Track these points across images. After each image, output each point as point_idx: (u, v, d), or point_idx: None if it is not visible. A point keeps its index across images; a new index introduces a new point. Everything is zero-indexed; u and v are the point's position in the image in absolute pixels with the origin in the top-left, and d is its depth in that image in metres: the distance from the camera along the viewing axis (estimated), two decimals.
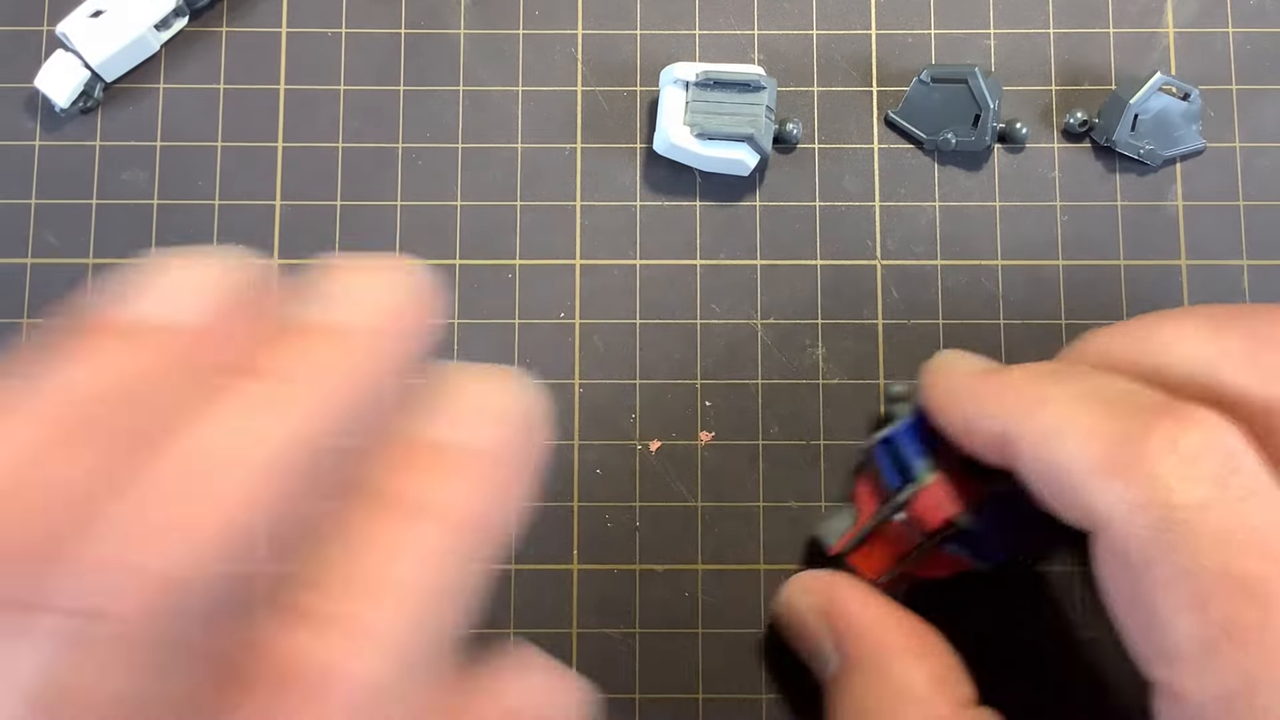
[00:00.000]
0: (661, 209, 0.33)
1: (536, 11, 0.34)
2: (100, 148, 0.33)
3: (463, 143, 0.33)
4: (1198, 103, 0.33)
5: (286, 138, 0.33)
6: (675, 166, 0.33)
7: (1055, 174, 0.33)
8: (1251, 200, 0.33)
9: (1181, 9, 0.34)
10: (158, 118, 0.33)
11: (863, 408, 0.32)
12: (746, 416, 0.32)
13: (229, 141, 0.33)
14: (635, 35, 0.33)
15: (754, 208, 0.33)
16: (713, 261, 0.32)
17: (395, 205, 0.33)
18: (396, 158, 0.33)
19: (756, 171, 0.32)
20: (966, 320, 0.32)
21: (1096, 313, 0.32)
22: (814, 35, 0.34)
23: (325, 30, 0.33)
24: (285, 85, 0.33)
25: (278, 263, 0.32)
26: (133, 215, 0.32)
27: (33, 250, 0.32)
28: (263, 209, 0.33)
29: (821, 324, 0.32)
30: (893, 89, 0.33)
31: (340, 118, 0.33)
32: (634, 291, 0.32)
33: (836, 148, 0.33)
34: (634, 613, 0.31)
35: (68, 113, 0.33)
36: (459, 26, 0.34)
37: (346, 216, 0.33)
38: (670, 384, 0.32)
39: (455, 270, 0.32)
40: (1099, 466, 0.19)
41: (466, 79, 0.33)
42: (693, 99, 0.31)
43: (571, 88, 0.33)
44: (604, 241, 0.32)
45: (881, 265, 0.32)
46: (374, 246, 0.32)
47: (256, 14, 0.34)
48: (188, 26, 0.33)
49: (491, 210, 0.33)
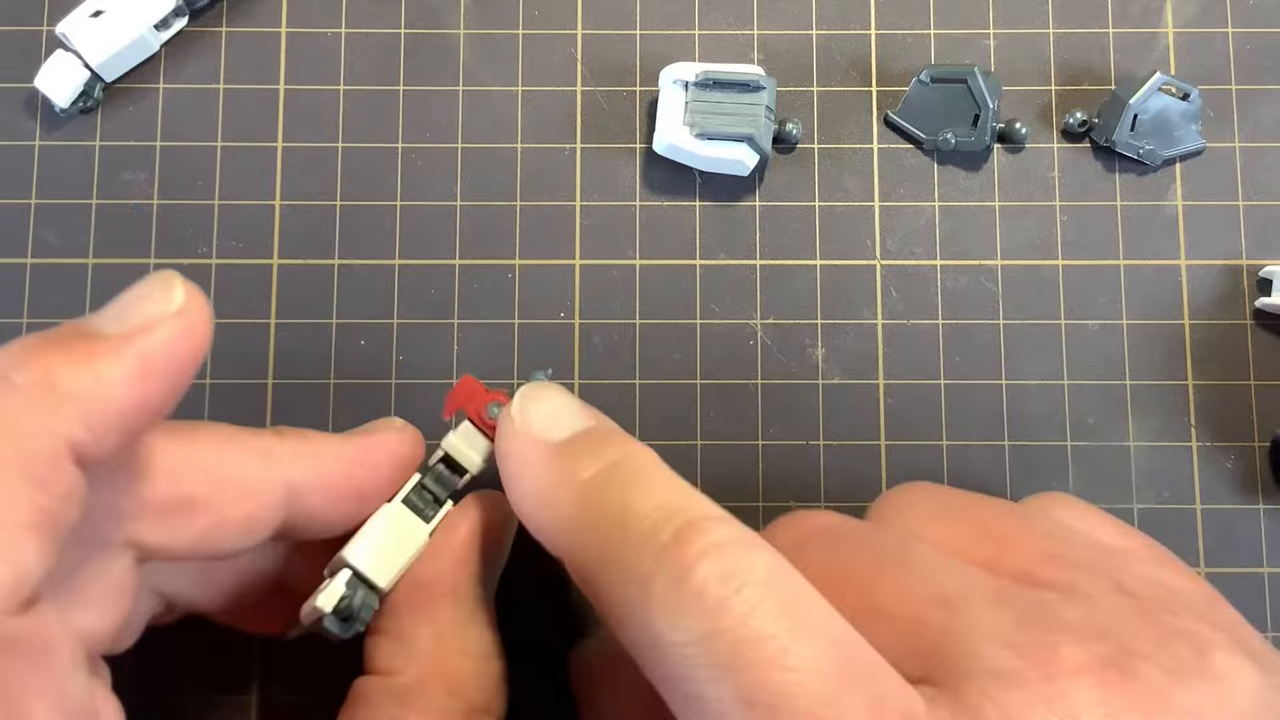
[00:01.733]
0: (661, 209, 0.33)
1: (536, 11, 0.34)
2: (100, 148, 0.33)
3: (463, 143, 0.33)
4: (1197, 102, 0.33)
5: (286, 138, 0.33)
6: (675, 166, 0.33)
7: (1055, 174, 0.33)
8: (1251, 200, 0.33)
9: (1181, 9, 0.34)
10: (157, 118, 0.33)
11: (862, 408, 0.32)
12: (746, 417, 0.32)
13: (229, 141, 0.33)
14: (635, 35, 0.34)
15: (754, 208, 0.33)
16: (712, 261, 0.32)
17: (395, 205, 0.33)
18: (396, 158, 0.33)
19: (756, 171, 0.32)
20: (966, 320, 0.32)
21: (1096, 313, 0.32)
22: (814, 35, 0.34)
23: (325, 30, 0.33)
24: (285, 85, 0.33)
25: (278, 262, 0.32)
26: (132, 215, 0.32)
27: (33, 250, 0.32)
28: (263, 209, 0.33)
29: (821, 324, 0.32)
30: (892, 89, 0.33)
31: (340, 118, 0.33)
32: (634, 291, 0.32)
33: (836, 148, 0.33)
34: None
35: (68, 113, 0.33)
36: (459, 26, 0.34)
37: (346, 216, 0.33)
38: (670, 384, 0.32)
39: (455, 270, 0.32)
40: (642, 600, 0.20)
41: (466, 79, 0.33)
42: (692, 99, 0.32)
43: (571, 88, 0.33)
44: (604, 241, 0.32)
45: (881, 265, 0.33)
46: (374, 246, 0.32)
47: (256, 14, 0.34)
48: (188, 26, 0.33)
49: (491, 210, 0.33)
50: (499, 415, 0.25)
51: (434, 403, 0.31)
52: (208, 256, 0.32)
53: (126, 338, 0.20)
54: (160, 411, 0.21)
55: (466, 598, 0.26)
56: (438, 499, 0.27)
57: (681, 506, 0.21)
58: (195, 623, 0.27)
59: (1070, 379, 0.32)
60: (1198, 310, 0.32)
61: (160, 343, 0.20)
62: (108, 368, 0.20)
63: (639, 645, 0.20)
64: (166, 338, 0.20)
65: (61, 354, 0.20)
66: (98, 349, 0.20)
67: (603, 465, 0.22)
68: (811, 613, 0.20)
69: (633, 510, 0.21)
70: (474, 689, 0.25)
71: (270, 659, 0.31)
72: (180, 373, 0.21)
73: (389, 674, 0.25)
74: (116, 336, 0.20)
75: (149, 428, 0.21)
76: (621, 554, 0.21)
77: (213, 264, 0.32)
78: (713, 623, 0.19)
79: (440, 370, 0.32)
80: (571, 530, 0.22)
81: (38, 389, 0.19)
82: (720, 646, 0.19)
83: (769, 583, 0.19)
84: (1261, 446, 0.32)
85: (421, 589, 0.26)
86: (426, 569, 0.26)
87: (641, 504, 0.21)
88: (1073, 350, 0.32)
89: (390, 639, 0.26)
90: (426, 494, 0.27)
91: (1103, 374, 0.32)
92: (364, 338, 0.32)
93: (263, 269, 0.32)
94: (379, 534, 0.25)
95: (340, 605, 0.24)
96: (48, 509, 0.19)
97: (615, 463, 0.22)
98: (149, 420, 0.21)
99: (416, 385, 0.32)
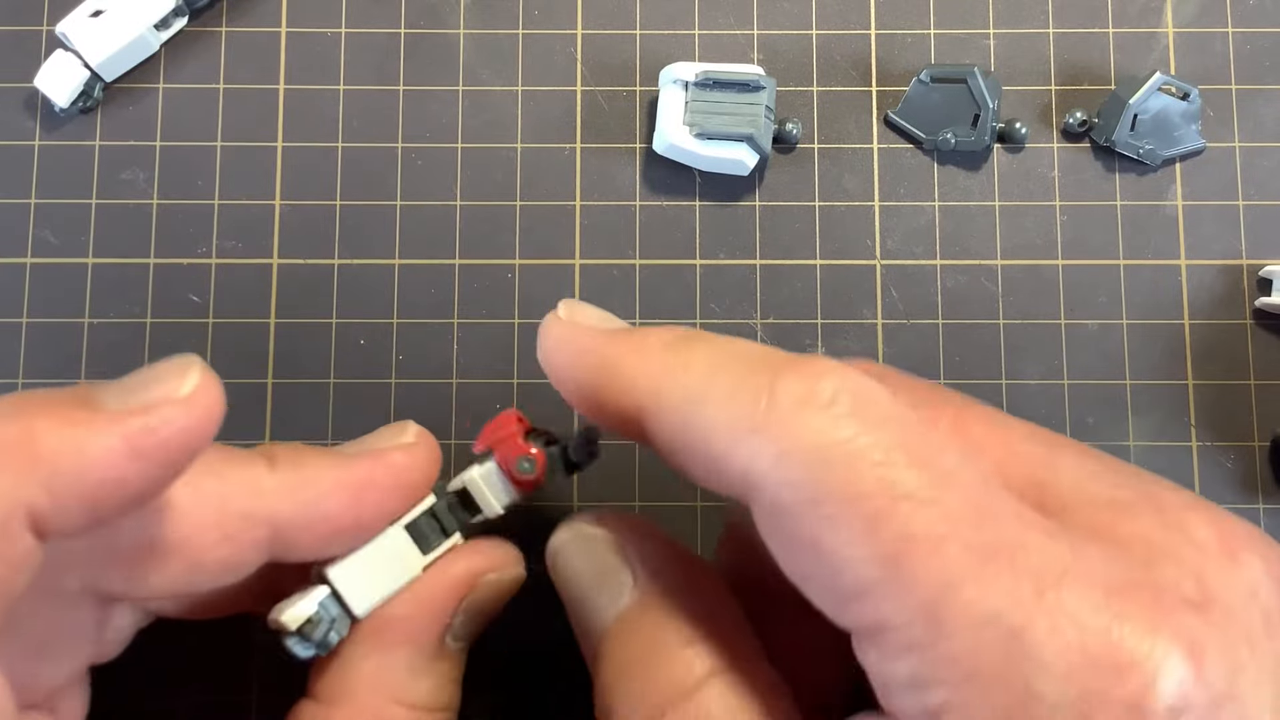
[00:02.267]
0: (661, 209, 0.33)
1: (536, 11, 0.34)
2: (100, 147, 0.33)
3: (463, 143, 0.33)
4: (1197, 102, 0.33)
5: (286, 138, 0.33)
6: (675, 166, 0.33)
7: (1055, 174, 0.33)
8: (1251, 200, 0.33)
9: (1181, 9, 0.34)
10: (157, 118, 0.33)
11: None
12: None
13: (229, 141, 0.33)
14: (635, 35, 0.34)
15: (754, 208, 0.33)
16: (712, 261, 0.32)
17: (395, 205, 0.33)
18: (396, 158, 0.33)
19: (756, 171, 0.32)
20: (966, 320, 0.32)
21: (1096, 312, 0.32)
22: (814, 35, 0.34)
23: (325, 30, 0.33)
24: (285, 85, 0.33)
25: (277, 262, 0.32)
26: (133, 215, 0.32)
27: (33, 250, 0.32)
28: (263, 209, 0.33)
29: (821, 324, 0.32)
30: (892, 89, 0.33)
31: (340, 118, 0.33)
32: (634, 291, 0.32)
33: (836, 148, 0.33)
34: None
35: (68, 112, 0.33)
36: (459, 26, 0.34)
37: (346, 216, 0.33)
38: None
39: (455, 270, 0.32)
40: (743, 426, 0.19)
41: (466, 79, 0.33)
42: (692, 99, 0.32)
43: (571, 88, 0.33)
44: (603, 241, 0.32)
45: (881, 265, 0.33)
46: (374, 246, 0.32)
47: (256, 14, 0.34)
48: (187, 26, 0.33)
49: (491, 210, 0.33)
50: (543, 326, 0.23)
51: (434, 403, 0.31)
52: (207, 256, 0.32)
53: (122, 414, 0.19)
54: (142, 496, 0.19)
55: (426, 645, 0.24)
56: (445, 530, 0.25)
57: (775, 350, 0.20)
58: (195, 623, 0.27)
59: (1070, 379, 0.32)
60: (1197, 310, 0.32)
61: (155, 426, 0.19)
62: (91, 439, 0.18)
63: (751, 483, 0.19)
64: (164, 423, 0.19)
65: (51, 417, 0.18)
66: (89, 419, 0.19)
67: (671, 336, 0.21)
68: (933, 438, 0.19)
69: (727, 352, 0.20)
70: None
71: (270, 659, 0.31)
72: (171, 462, 0.19)
73: (324, 701, 0.24)
74: (113, 411, 0.19)
75: (126, 512, 0.19)
76: (718, 396, 0.20)
77: (212, 264, 0.32)
78: (834, 433, 0.18)
79: (440, 370, 0.32)
80: (648, 389, 0.21)
81: (13, 447, 0.18)
82: (839, 462, 0.18)
83: (887, 405, 0.19)
84: (1261, 446, 0.32)
85: (382, 622, 0.24)
86: (398, 606, 0.24)
87: (734, 348, 0.21)
88: (1072, 350, 0.32)
89: (336, 661, 0.24)
90: (434, 522, 0.25)
91: (1102, 374, 0.32)
92: (364, 338, 0.32)
93: (262, 269, 0.32)
94: (371, 557, 0.24)
95: (305, 626, 0.23)
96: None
97: (682, 334, 0.22)
98: (126, 503, 0.19)
99: (416, 385, 0.31)
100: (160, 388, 0.19)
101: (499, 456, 0.24)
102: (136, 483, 0.19)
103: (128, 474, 0.19)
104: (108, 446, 0.18)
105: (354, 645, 0.24)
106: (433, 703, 0.24)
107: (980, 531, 0.18)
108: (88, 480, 0.18)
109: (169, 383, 0.19)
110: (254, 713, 0.30)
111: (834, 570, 0.18)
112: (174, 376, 0.19)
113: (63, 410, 0.19)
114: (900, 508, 0.18)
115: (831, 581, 0.19)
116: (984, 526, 0.18)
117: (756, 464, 0.19)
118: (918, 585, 0.17)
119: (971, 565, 0.17)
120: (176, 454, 0.19)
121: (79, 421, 0.18)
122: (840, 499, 0.18)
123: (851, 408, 0.19)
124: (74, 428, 0.18)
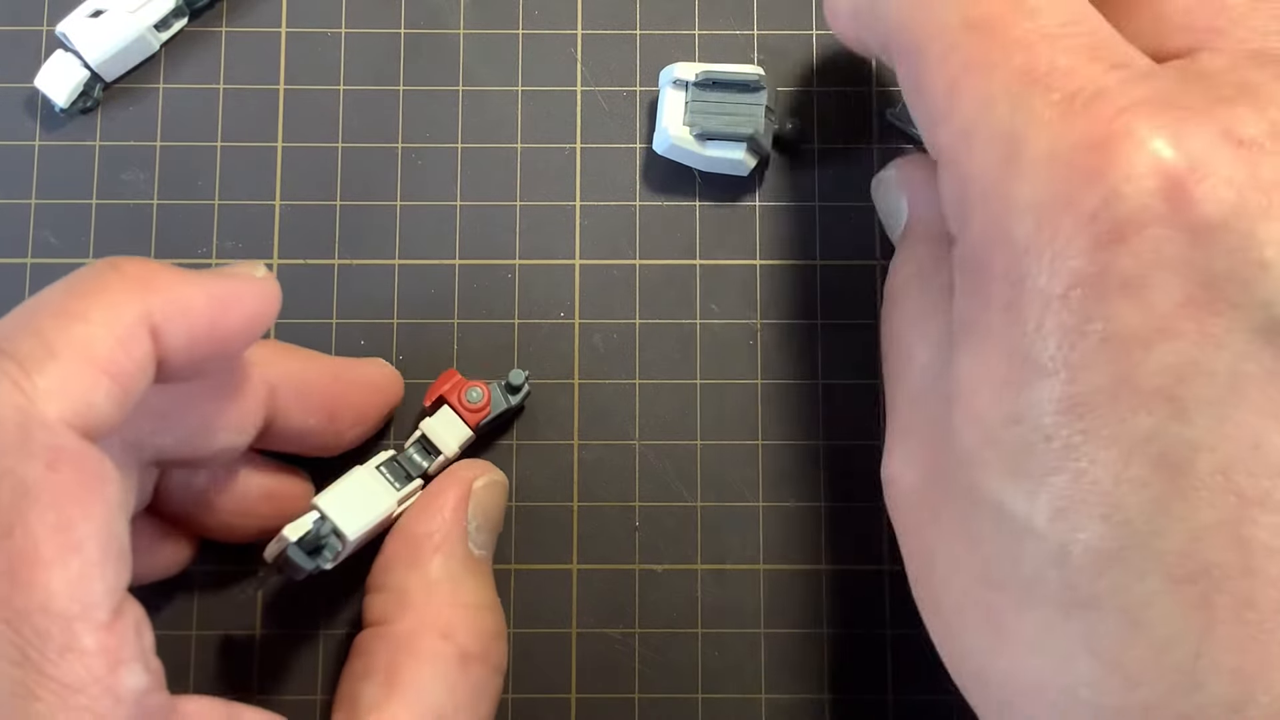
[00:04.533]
0: (661, 209, 0.33)
1: (536, 11, 0.34)
2: (100, 148, 0.33)
3: (463, 143, 0.33)
4: None
5: (286, 138, 0.33)
6: (675, 166, 0.33)
7: None
8: None
9: None
10: (157, 118, 0.33)
11: (862, 409, 0.32)
12: (746, 417, 0.32)
13: (229, 141, 0.33)
14: (635, 35, 0.34)
15: (753, 208, 0.33)
16: (712, 261, 0.32)
17: (395, 205, 0.33)
18: (396, 158, 0.33)
19: (756, 171, 0.32)
20: None
21: None
22: (814, 35, 0.34)
23: (325, 30, 0.33)
24: (285, 85, 0.33)
25: (277, 263, 0.32)
26: (133, 215, 0.32)
27: (33, 250, 0.32)
28: (262, 209, 0.33)
29: (821, 324, 0.32)
30: (893, 89, 0.33)
31: (340, 118, 0.33)
32: (633, 291, 0.32)
33: (836, 148, 0.33)
34: (633, 613, 0.31)
35: (67, 112, 0.33)
36: (459, 26, 0.34)
37: (346, 217, 0.33)
38: (670, 384, 0.32)
39: (455, 270, 0.32)
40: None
41: (466, 79, 0.33)
42: (692, 99, 0.32)
43: (571, 88, 0.33)
44: (603, 241, 0.33)
45: (881, 265, 0.32)
46: (374, 246, 0.32)
47: (256, 14, 0.34)
48: (187, 26, 0.33)
49: (491, 210, 0.33)
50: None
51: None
52: (207, 256, 0.32)
53: (216, 279, 0.24)
54: (219, 354, 0.24)
55: (457, 552, 0.27)
56: (409, 475, 0.29)
57: None
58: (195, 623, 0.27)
59: None
60: None
61: (236, 288, 0.24)
62: (195, 290, 0.23)
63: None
64: (242, 287, 0.24)
65: (160, 265, 0.23)
66: (194, 278, 0.23)
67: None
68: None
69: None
70: (467, 635, 0.26)
71: (270, 659, 0.31)
72: (246, 323, 0.24)
73: (384, 624, 0.27)
74: (209, 276, 0.24)
75: (201, 366, 0.23)
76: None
77: (213, 264, 0.32)
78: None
79: (440, 370, 0.32)
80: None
81: (141, 278, 0.22)
82: None
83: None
84: None
85: (413, 543, 0.27)
86: (418, 525, 0.28)
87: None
88: None
89: (385, 593, 0.27)
90: (399, 469, 0.29)
91: None
92: (364, 338, 0.32)
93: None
94: (348, 488, 0.27)
95: (306, 536, 0.26)
96: (123, 367, 0.21)
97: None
98: (210, 353, 0.23)
99: (417, 385, 0.31)
100: (241, 268, 0.25)
101: (450, 398, 0.30)
102: (221, 336, 0.23)
103: (214, 319, 0.23)
104: (208, 294, 0.23)
105: (396, 574, 0.27)
106: (480, 600, 0.27)
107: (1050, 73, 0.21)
108: (191, 319, 0.23)
109: (244, 269, 0.25)
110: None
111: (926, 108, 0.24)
112: (247, 267, 0.25)
113: (170, 267, 0.23)
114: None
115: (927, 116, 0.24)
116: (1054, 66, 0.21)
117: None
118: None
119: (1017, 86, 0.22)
120: (252, 321, 0.24)
121: (187, 278, 0.23)
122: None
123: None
124: (183, 279, 0.23)
